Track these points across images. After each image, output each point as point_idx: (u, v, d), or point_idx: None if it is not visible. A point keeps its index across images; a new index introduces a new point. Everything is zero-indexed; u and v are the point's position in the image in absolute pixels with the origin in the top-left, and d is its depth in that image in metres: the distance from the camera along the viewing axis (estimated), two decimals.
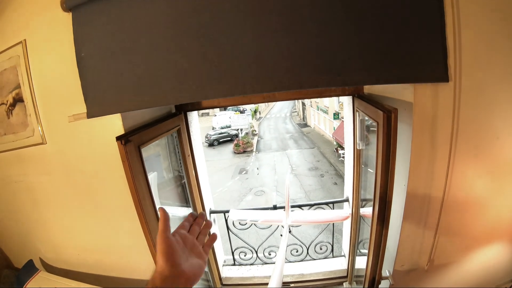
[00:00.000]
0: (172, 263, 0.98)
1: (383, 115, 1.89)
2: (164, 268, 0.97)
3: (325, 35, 1.78)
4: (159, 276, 0.96)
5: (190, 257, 1.06)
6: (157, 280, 0.95)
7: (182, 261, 1.01)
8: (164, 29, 1.93)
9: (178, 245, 1.05)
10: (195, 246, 1.12)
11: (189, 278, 1.00)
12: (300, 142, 31.21)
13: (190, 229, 1.17)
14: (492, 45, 1.83)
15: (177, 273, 0.97)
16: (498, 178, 2.19)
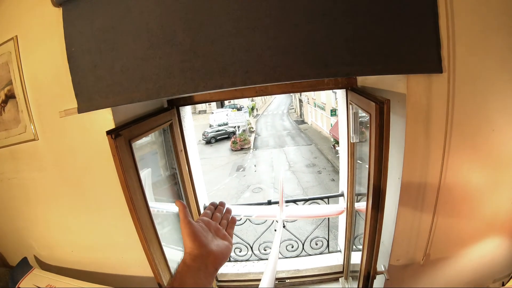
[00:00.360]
0: (199, 243, 1.02)
1: (376, 107, 1.87)
2: (192, 248, 1.01)
3: (316, 27, 1.77)
4: (189, 256, 1.00)
5: (216, 239, 1.11)
6: (188, 260, 0.99)
7: (209, 242, 1.06)
8: (153, 23, 1.91)
9: (202, 228, 1.10)
10: (219, 230, 1.16)
11: (217, 257, 1.04)
12: (297, 139, 31.27)
13: (212, 216, 1.22)
14: (486, 37, 1.84)
15: (205, 252, 1.02)
16: (494, 171, 2.20)
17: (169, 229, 3.36)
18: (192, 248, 1.01)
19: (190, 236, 1.03)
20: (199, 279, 0.96)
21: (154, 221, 2.48)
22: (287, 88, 2.91)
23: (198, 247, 1.01)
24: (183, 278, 0.94)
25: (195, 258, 0.99)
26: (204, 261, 1.00)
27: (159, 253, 2.55)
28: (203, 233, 1.08)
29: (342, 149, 3.61)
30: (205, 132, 32.37)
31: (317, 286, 3.88)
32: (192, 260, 0.99)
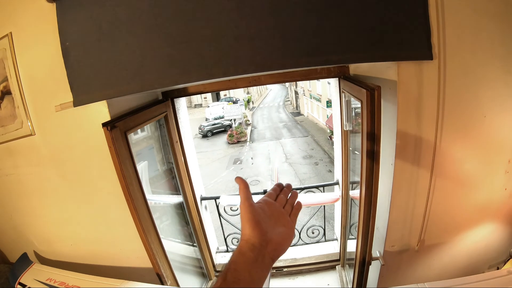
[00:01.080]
0: (259, 230, 0.93)
1: (367, 93, 1.89)
2: (251, 235, 0.92)
3: (307, 15, 1.79)
4: (245, 244, 0.90)
5: (277, 225, 1.01)
6: (244, 249, 0.89)
7: (269, 229, 0.97)
8: (146, 16, 1.93)
9: (264, 213, 1.02)
10: (282, 215, 1.06)
11: (276, 247, 0.94)
12: (293, 131, 31.20)
13: (277, 199, 1.13)
14: (476, 23, 1.85)
15: (264, 241, 0.92)
16: (487, 157, 2.23)
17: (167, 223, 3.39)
18: (250, 236, 0.92)
19: (250, 222, 0.94)
20: (254, 272, 0.86)
21: (151, 212, 2.50)
22: (280, 78, 2.93)
23: (257, 235, 0.92)
24: (238, 269, 0.84)
25: (253, 248, 0.89)
26: (262, 251, 0.90)
27: (157, 244, 2.58)
28: (265, 219, 0.99)
29: (336, 138, 3.64)
30: (201, 125, 32.23)
31: (314, 274, 3.92)
32: (249, 250, 0.89)
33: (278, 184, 1.19)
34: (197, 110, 43.41)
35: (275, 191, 1.15)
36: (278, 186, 1.18)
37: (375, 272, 2.65)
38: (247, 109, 41.71)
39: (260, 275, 0.86)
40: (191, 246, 3.75)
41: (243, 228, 0.94)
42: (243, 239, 0.92)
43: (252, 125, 35.59)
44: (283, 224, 1.02)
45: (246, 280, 0.81)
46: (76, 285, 2.55)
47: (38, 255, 3.29)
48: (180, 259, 3.43)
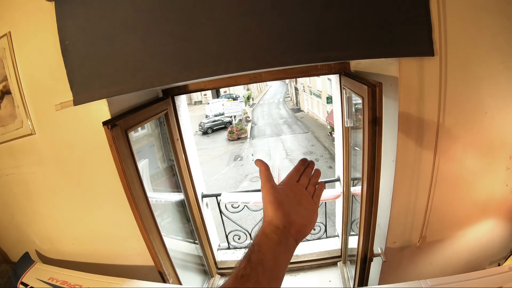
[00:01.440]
0: (282, 212, 0.92)
1: (368, 90, 1.89)
2: (273, 217, 0.91)
3: (308, 12, 1.78)
4: (268, 226, 0.90)
5: (300, 207, 1.00)
6: (268, 230, 0.89)
7: (292, 211, 0.95)
8: (145, 14, 1.92)
9: (286, 194, 1.00)
10: (304, 196, 1.04)
11: (300, 229, 0.94)
12: (294, 127, 31.22)
13: (300, 179, 1.10)
14: (478, 19, 1.84)
15: (287, 223, 0.91)
16: (488, 153, 2.23)
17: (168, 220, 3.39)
18: (273, 217, 0.91)
19: (272, 204, 0.93)
20: (279, 254, 0.84)
21: (152, 210, 2.51)
22: (280, 75, 2.93)
23: (280, 217, 0.91)
24: (262, 251, 0.83)
25: (276, 230, 0.88)
26: (285, 233, 0.89)
27: (158, 241, 2.58)
28: (287, 200, 0.97)
29: (337, 134, 3.63)
30: (202, 122, 32.22)
31: (315, 270, 3.93)
32: (273, 232, 0.88)
33: (302, 161, 1.16)
34: (197, 107, 43.38)
35: (298, 171, 1.12)
36: (302, 164, 1.15)
37: (377, 268, 2.66)
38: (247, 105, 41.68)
39: (284, 257, 0.86)
40: (193, 243, 3.75)
41: (265, 210, 0.94)
42: (266, 220, 0.92)
43: (252, 121, 35.61)
44: (306, 205, 1.01)
45: (270, 262, 0.81)
46: (78, 284, 2.55)
47: (40, 254, 3.29)
48: (181, 257, 3.44)
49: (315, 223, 1.02)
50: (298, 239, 0.93)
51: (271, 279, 0.78)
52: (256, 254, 0.80)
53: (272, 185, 0.97)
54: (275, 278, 0.80)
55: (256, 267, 0.77)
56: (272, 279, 0.78)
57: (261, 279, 0.75)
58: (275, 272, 0.80)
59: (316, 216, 1.03)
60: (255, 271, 0.76)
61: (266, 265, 0.79)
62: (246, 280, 0.73)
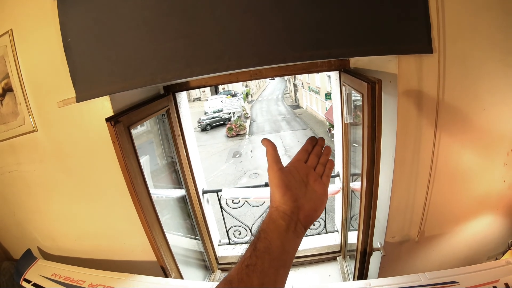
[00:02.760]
0: (290, 196, 0.86)
1: (368, 86, 1.91)
2: (281, 202, 0.86)
3: (308, 9, 1.79)
4: (276, 212, 0.85)
5: (309, 190, 0.93)
6: (275, 216, 0.84)
7: (301, 194, 0.90)
8: (148, 11, 1.93)
9: (294, 177, 0.93)
10: (313, 178, 0.97)
11: (309, 214, 0.88)
12: (292, 124, 31.12)
13: (308, 159, 1.02)
14: (476, 17, 1.86)
15: (295, 208, 0.85)
16: (486, 149, 2.25)
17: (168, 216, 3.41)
18: (280, 203, 0.85)
19: (279, 188, 0.87)
20: (286, 241, 0.80)
21: (155, 205, 2.53)
22: (281, 71, 2.94)
23: (288, 202, 0.85)
24: (269, 238, 0.78)
25: (283, 215, 0.83)
26: (294, 218, 0.84)
27: (161, 237, 2.61)
28: (295, 184, 0.91)
29: (336, 130, 3.66)
30: (200, 119, 32.09)
31: (315, 265, 3.95)
32: (280, 217, 0.83)
33: (310, 140, 1.08)
34: (196, 104, 43.21)
35: (306, 151, 1.04)
36: (310, 142, 1.07)
37: (376, 262, 2.68)
38: (245, 102, 41.56)
39: (292, 244, 0.81)
40: (194, 239, 3.77)
41: (273, 194, 0.89)
42: (273, 206, 0.87)
43: (251, 118, 35.51)
44: (315, 188, 0.95)
45: (278, 249, 0.77)
46: (81, 280, 2.56)
47: (42, 251, 3.31)
48: (183, 252, 3.46)
49: (325, 206, 0.97)
50: (307, 224, 0.88)
51: (278, 268, 0.75)
52: (262, 242, 0.77)
53: (280, 167, 0.92)
54: (282, 266, 0.76)
55: (262, 256, 0.74)
56: (280, 267, 0.75)
57: (267, 268, 0.73)
58: (282, 260, 0.77)
59: (326, 198, 0.97)
60: (262, 260, 0.73)
61: (273, 253, 0.76)
62: (252, 269, 0.71)
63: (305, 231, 0.88)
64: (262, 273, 0.72)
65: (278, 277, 0.74)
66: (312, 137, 1.08)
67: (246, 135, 28.66)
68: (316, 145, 1.07)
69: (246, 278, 0.70)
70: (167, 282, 2.51)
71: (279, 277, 0.75)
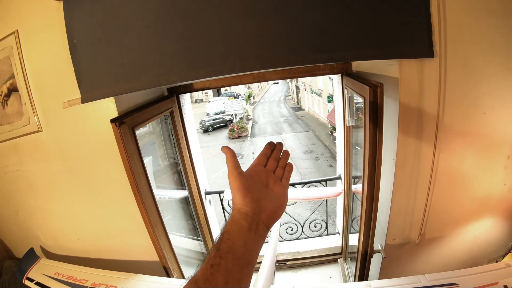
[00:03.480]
0: (250, 198, 0.90)
1: (369, 90, 1.93)
2: (242, 204, 0.90)
3: (312, 13, 1.81)
4: (238, 214, 0.88)
5: (269, 192, 0.98)
6: (237, 218, 0.87)
7: (261, 196, 0.94)
8: (153, 13, 1.95)
9: (254, 180, 0.98)
10: (273, 180, 1.02)
11: (270, 214, 0.92)
12: (294, 126, 31.13)
13: (267, 163, 1.07)
14: (477, 22, 1.88)
15: (257, 209, 0.89)
16: (486, 153, 2.26)
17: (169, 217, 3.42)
18: (242, 204, 0.89)
19: (240, 191, 0.91)
20: (249, 240, 0.84)
21: (158, 206, 2.54)
22: (284, 74, 2.97)
23: (249, 203, 0.89)
24: (232, 239, 0.82)
25: (245, 217, 0.87)
26: (256, 219, 0.88)
27: (164, 237, 2.62)
28: (256, 186, 0.96)
29: (338, 133, 3.67)
30: (202, 120, 32.09)
31: (316, 267, 3.97)
32: (242, 219, 0.87)
33: (269, 145, 1.13)
34: (198, 105, 43.16)
35: (265, 155, 1.09)
36: (269, 147, 1.12)
37: (377, 264, 2.69)
38: (248, 104, 41.55)
39: (255, 243, 0.86)
40: (196, 240, 3.78)
41: (234, 198, 0.93)
42: (235, 208, 0.91)
43: (253, 120, 35.52)
44: (275, 190, 1.00)
45: (240, 249, 0.81)
46: (84, 279, 2.57)
47: (44, 250, 3.33)
48: (185, 253, 3.47)
49: (286, 206, 1.03)
50: (269, 224, 0.92)
51: (242, 266, 0.79)
52: (225, 243, 0.81)
53: (239, 172, 0.96)
54: (246, 264, 0.80)
55: (225, 256, 0.78)
56: (243, 266, 0.79)
57: (231, 267, 0.77)
58: (246, 258, 0.81)
59: (287, 199, 1.02)
60: (225, 260, 0.77)
61: (236, 252, 0.79)
62: (216, 269, 0.74)
63: (268, 230, 0.92)
64: (227, 272, 0.75)
65: (243, 275, 0.78)
66: (271, 142, 1.14)
67: (248, 137, 28.67)
68: (275, 150, 1.12)
69: (211, 277, 0.73)
70: (169, 282, 2.51)
71: (243, 275, 0.78)
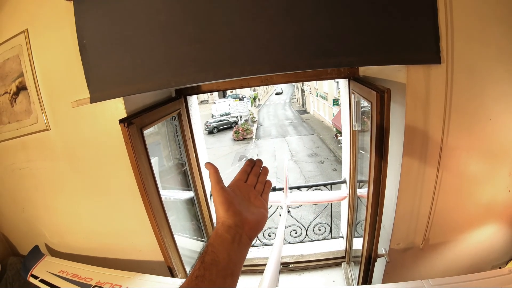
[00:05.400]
0: (233, 211, 0.95)
1: (377, 95, 1.94)
2: (225, 217, 0.94)
3: (321, 18, 1.83)
4: (221, 227, 0.92)
5: (251, 206, 1.04)
6: (221, 231, 0.91)
7: (243, 209, 0.99)
8: (163, 15, 1.97)
9: (236, 194, 1.03)
10: (254, 195, 1.09)
11: (252, 227, 0.97)
12: (299, 129, 31.07)
13: (248, 180, 1.14)
14: (484, 28, 1.89)
15: (239, 221, 0.94)
16: (491, 159, 2.26)
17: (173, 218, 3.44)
18: (225, 218, 0.94)
19: (223, 205, 0.96)
20: (233, 252, 0.88)
21: (164, 206, 2.56)
22: (292, 78, 2.98)
23: (232, 216, 0.94)
24: (215, 251, 0.86)
25: (228, 229, 0.91)
26: (239, 231, 0.92)
27: (169, 238, 2.64)
28: (238, 200, 1.01)
29: (344, 137, 3.68)
30: (207, 122, 32.05)
31: (320, 270, 3.97)
32: (225, 231, 0.91)
33: (249, 162, 1.20)
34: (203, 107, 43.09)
35: (245, 172, 1.16)
36: (248, 164, 1.19)
37: (380, 269, 2.69)
38: (253, 106, 41.52)
39: (238, 255, 0.89)
40: (200, 241, 3.79)
41: (217, 211, 0.97)
42: (219, 221, 0.95)
43: (258, 122, 35.49)
44: (256, 204, 1.06)
45: (224, 261, 0.84)
46: (89, 277, 2.58)
47: (49, 248, 3.35)
48: (189, 254, 3.47)
49: (267, 219, 1.07)
50: (252, 235, 0.97)
51: (226, 277, 0.83)
52: (210, 255, 0.84)
53: (222, 186, 1.00)
54: (230, 275, 0.84)
55: (210, 268, 0.81)
56: (227, 277, 0.83)
57: (215, 278, 0.80)
58: (230, 269, 0.85)
59: (267, 213, 1.08)
60: (209, 271, 0.80)
61: (220, 264, 0.83)
62: (201, 280, 0.78)
63: (251, 242, 0.97)
64: (211, 282, 0.79)
65: (226, 285, 0.82)
66: (250, 159, 1.21)
67: (252, 139, 28.63)
68: (255, 166, 1.19)
69: None
70: (174, 282, 2.51)
71: (227, 285, 0.82)
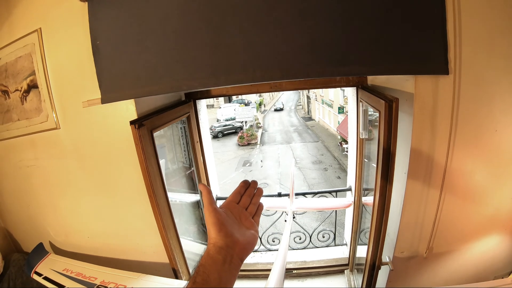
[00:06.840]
0: (224, 233, 0.97)
1: (385, 104, 1.96)
2: (217, 239, 0.96)
3: (332, 27, 1.85)
4: (213, 248, 0.95)
5: (242, 227, 1.07)
6: (212, 252, 0.94)
7: (235, 231, 1.01)
8: (177, 19, 2.00)
9: (228, 216, 1.05)
10: (245, 217, 1.11)
11: (243, 248, 0.99)
12: (304, 136, 31.06)
13: (240, 201, 1.16)
14: (491, 40, 1.90)
15: (231, 242, 0.97)
16: (497, 170, 2.26)
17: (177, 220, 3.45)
18: (217, 239, 0.96)
19: (215, 226, 0.98)
20: (224, 273, 0.91)
21: (171, 208, 2.58)
22: (300, 85, 3.01)
23: (223, 237, 0.96)
24: (207, 272, 0.89)
25: (220, 250, 0.94)
26: (230, 252, 0.95)
27: (175, 240, 2.66)
28: (229, 221, 1.03)
29: (351, 144, 3.70)
30: (213, 126, 32.05)
31: (323, 277, 3.97)
32: (217, 252, 0.93)
33: (243, 183, 1.22)
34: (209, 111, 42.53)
35: (238, 193, 1.18)
36: (243, 186, 1.21)
37: (384, 277, 2.69)
38: (258, 112, 41.54)
39: (229, 275, 0.93)
40: (204, 244, 3.79)
41: (209, 232, 0.99)
42: (210, 242, 0.98)
43: (263, 128, 35.52)
44: (247, 225, 1.09)
45: (215, 281, 0.88)
46: (93, 276, 2.60)
47: (53, 246, 3.37)
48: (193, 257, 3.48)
49: (257, 240, 1.10)
50: (243, 256, 1.00)
51: None
52: (201, 276, 0.88)
53: (214, 207, 1.02)
54: None
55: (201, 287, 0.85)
56: None
57: None
58: None
59: (258, 235, 1.11)
60: None
61: (211, 284, 0.86)
62: None
63: (241, 263, 0.99)
64: None
65: None
66: (245, 180, 1.23)
67: (257, 144, 28.65)
68: (249, 188, 1.21)
69: None
70: (179, 284, 2.52)
71: None
